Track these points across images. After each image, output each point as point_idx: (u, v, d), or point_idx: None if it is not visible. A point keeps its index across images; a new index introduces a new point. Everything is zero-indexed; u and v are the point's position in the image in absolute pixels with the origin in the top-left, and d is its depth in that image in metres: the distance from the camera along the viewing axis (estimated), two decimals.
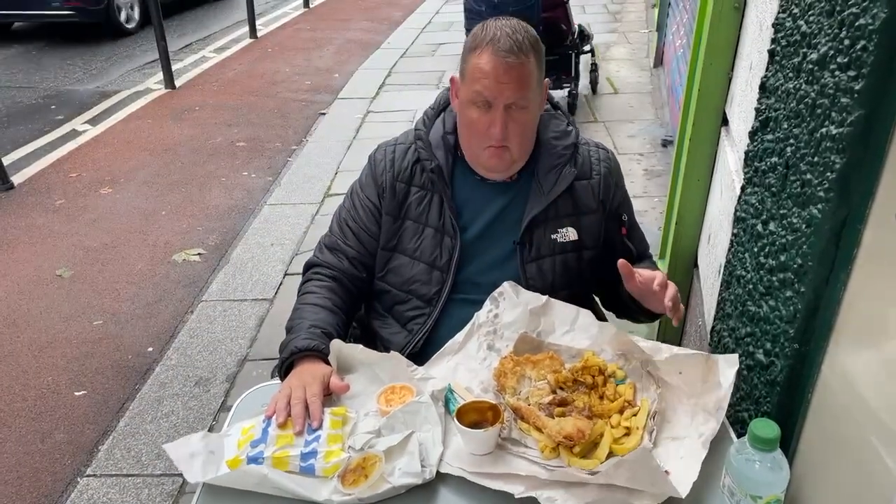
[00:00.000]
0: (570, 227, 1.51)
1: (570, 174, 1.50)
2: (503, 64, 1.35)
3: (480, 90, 1.36)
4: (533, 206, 1.48)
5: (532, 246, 1.49)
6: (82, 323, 3.12)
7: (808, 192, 1.08)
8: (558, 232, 1.50)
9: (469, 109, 1.41)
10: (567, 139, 1.53)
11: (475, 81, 1.37)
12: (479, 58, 1.37)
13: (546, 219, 1.50)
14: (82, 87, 6.50)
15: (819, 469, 1.08)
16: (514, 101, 1.37)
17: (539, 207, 1.48)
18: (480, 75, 1.36)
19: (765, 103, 1.32)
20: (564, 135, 1.54)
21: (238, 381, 2.72)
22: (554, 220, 1.50)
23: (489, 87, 1.36)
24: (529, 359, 1.31)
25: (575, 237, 1.51)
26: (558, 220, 1.50)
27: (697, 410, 1.19)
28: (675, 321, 1.34)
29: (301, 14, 9.60)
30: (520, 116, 1.40)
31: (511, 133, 1.39)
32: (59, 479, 2.33)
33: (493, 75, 1.35)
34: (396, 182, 1.52)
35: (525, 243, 1.49)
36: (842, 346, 1.03)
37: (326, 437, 1.16)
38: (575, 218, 1.51)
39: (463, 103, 1.43)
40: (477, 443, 1.15)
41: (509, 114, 1.38)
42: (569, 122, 1.57)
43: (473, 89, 1.38)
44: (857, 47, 0.93)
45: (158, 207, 4.18)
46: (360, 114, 5.62)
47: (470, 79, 1.39)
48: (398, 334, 1.54)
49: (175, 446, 1.16)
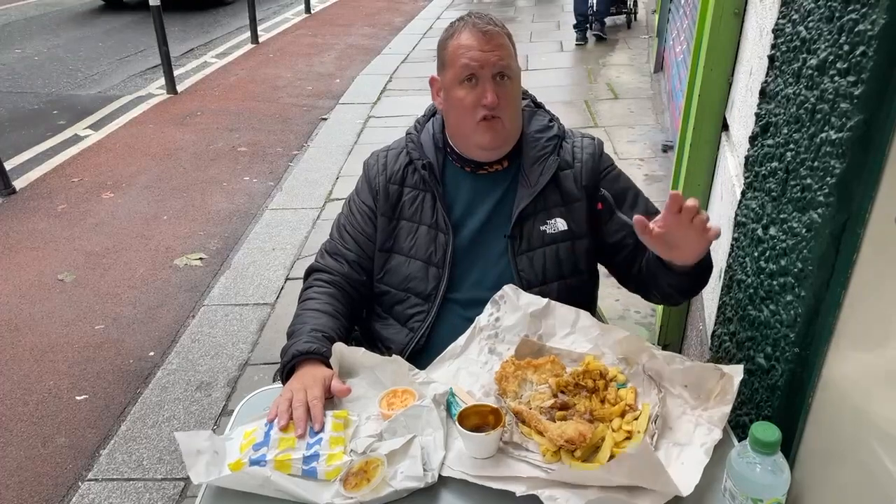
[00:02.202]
0: (558, 218, 1.52)
1: (554, 163, 1.52)
2: (483, 34, 1.42)
3: (467, 62, 1.41)
4: (521, 198, 1.50)
5: (522, 238, 1.51)
6: (84, 327, 3.13)
7: (809, 196, 1.08)
8: (547, 223, 1.51)
9: (456, 90, 1.44)
10: (549, 132, 1.56)
11: (459, 58, 1.42)
12: (458, 38, 1.44)
13: (535, 211, 1.51)
14: (84, 92, 6.52)
15: (820, 472, 1.08)
16: (500, 69, 1.42)
17: (527, 199, 1.50)
18: (463, 50, 1.42)
19: (765, 108, 1.33)
20: (547, 128, 1.57)
21: (239, 385, 2.73)
22: (543, 211, 1.51)
23: (475, 58, 1.41)
24: (531, 362, 1.31)
25: (564, 227, 1.52)
26: (547, 212, 1.51)
27: (702, 421, 1.19)
28: (713, 235, 1.21)
29: (302, 20, 9.63)
30: (507, 86, 1.44)
31: (502, 102, 1.43)
32: (60, 483, 2.33)
33: (477, 45, 1.41)
34: (389, 184, 1.55)
35: (515, 236, 1.51)
36: (842, 350, 1.03)
37: (328, 440, 1.17)
38: (563, 208, 1.52)
39: (449, 89, 1.46)
40: (478, 446, 1.15)
41: (497, 84, 1.42)
42: (551, 118, 1.60)
43: (459, 64, 1.42)
44: (857, 53, 0.94)
45: (160, 212, 4.18)
46: (362, 119, 5.63)
47: (452, 59, 1.44)
48: (399, 333, 1.55)
49: (185, 437, 1.17)
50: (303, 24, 9.36)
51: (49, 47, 8.09)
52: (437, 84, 1.52)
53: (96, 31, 8.88)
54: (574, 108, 5.43)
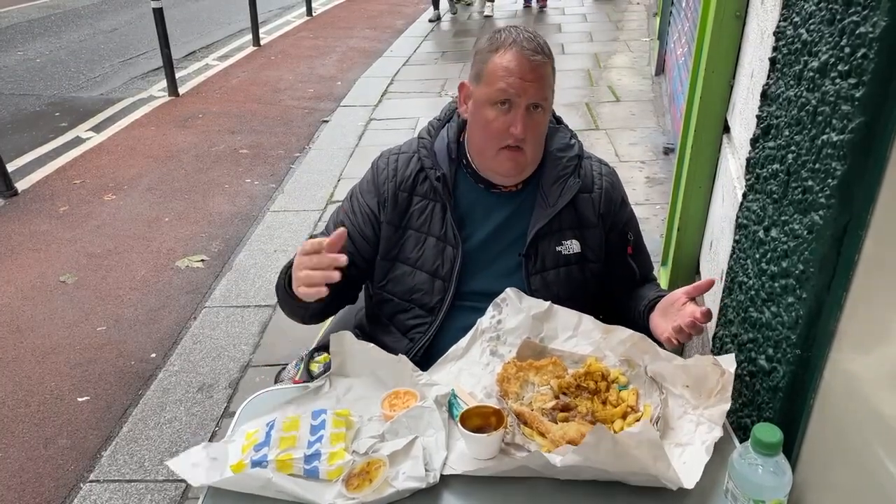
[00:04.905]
0: (573, 240, 1.51)
1: (575, 185, 1.50)
2: (529, 62, 1.35)
3: (505, 88, 1.36)
4: (538, 218, 1.49)
5: (537, 258, 1.50)
6: (86, 329, 3.13)
7: (810, 198, 1.08)
8: (563, 244, 1.51)
9: (486, 110, 1.40)
10: (571, 151, 1.54)
11: (498, 80, 1.37)
12: (503, 57, 1.37)
13: (550, 231, 1.50)
14: (86, 94, 6.53)
15: (821, 474, 1.08)
16: (537, 100, 1.38)
17: (544, 220, 1.48)
18: (504, 73, 1.36)
19: (766, 111, 1.33)
20: (568, 147, 1.55)
21: (241, 387, 2.72)
22: (558, 232, 1.50)
23: (514, 85, 1.35)
24: (532, 364, 1.32)
25: (578, 249, 1.52)
26: (562, 233, 1.51)
27: (703, 420, 1.20)
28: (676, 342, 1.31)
29: (304, 22, 9.65)
30: (538, 118, 1.41)
31: (529, 134, 1.39)
32: (62, 484, 2.33)
33: (519, 73, 1.35)
34: (399, 191, 1.51)
35: (530, 255, 1.49)
36: (844, 351, 1.03)
37: (329, 437, 1.17)
38: (578, 231, 1.52)
39: (479, 104, 1.41)
40: (480, 447, 1.15)
41: (528, 114, 1.38)
42: (572, 135, 1.58)
43: (496, 87, 1.37)
44: (858, 55, 0.94)
45: (162, 214, 4.19)
46: (363, 121, 5.64)
47: (491, 78, 1.38)
48: (399, 342, 1.54)
49: (177, 461, 1.17)
50: (304, 27, 9.38)
51: (51, 49, 8.11)
52: (466, 91, 1.46)
53: (98, 33, 8.90)
54: (575, 111, 5.44)
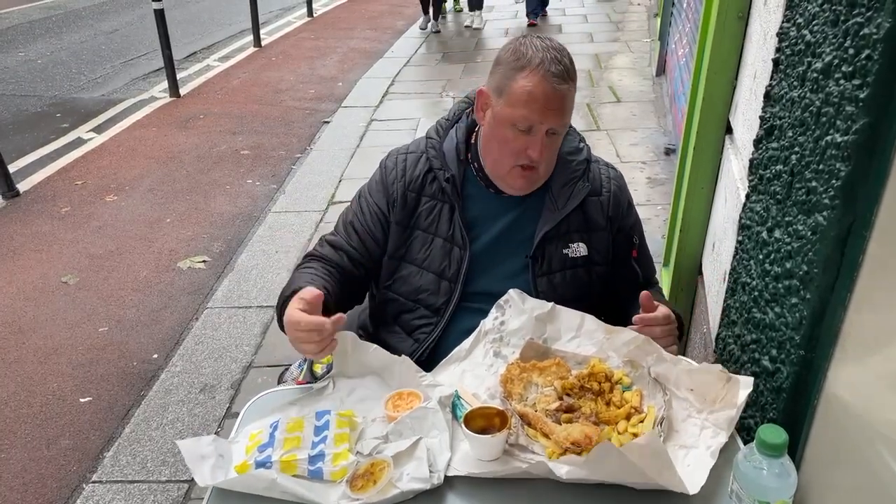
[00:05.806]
0: (580, 243, 1.52)
1: (584, 189, 1.51)
2: (554, 91, 1.34)
3: (527, 115, 1.35)
4: (546, 220, 1.49)
5: (544, 260, 1.50)
6: (88, 330, 3.14)
7: (814, 199, 1.08)
8: (569, 247, 1.51)
9: (505, 129, 1.39)
10: (580, 155, 1.55)
11: (521, 105, 1.35)
12: (528, 79, 1.34)
13: (558, 234, 1.50)
14: (87, 95, 6.54)
15: (826, 475, 1.08)
16: (557, 127, 1.38)
17: (552, 223, 1.49)
18: (528, 99, 1.34)
19: (769, 112, 1.33)
20: (577, 151, 1.55)
21: (243, 387, 2.73)
22: (565, 234, 1.51)
23: (536, 112, 1.34)
24: (536, 365, 1.32)
25: (585, 252, 1.52)
26: (569, 235, 1.51)
27: (708, 424, 1.20)
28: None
29: (305, 23, 9.66)
30: (554, 141, 1.42)
31: (544, 155, 1.40)
32: (64, 485, 2.34)
33: (543, 101, 1.34)
34: (407, 192, 1.52)
35: (537, 257, 1.50)
36: (848, 352, 1.03)
37: (333, 438, 1.17)
38: (585, 234, 1.52)
39: (498, 120, 1.40)
40: (484, 448, 1.16)
41: (547, 137, 1.38)
42: (580, 139, 1.59)
43: (518, 113, 1.35)
44: (862, 56, 0.94)
45: (163, 215, 4.19)
46: (364, 122, 5.64)
47: (514, 100, 1.36)
48: (404, 343, 1.54)
49: (187, 444, 1.17)
50: (305, 28, 9.38)
51: (52, 50, 8.11)
52: (484, 99, 1.44)
53: (99, 34, 8.90)
54: (576, 112, 5.43)
